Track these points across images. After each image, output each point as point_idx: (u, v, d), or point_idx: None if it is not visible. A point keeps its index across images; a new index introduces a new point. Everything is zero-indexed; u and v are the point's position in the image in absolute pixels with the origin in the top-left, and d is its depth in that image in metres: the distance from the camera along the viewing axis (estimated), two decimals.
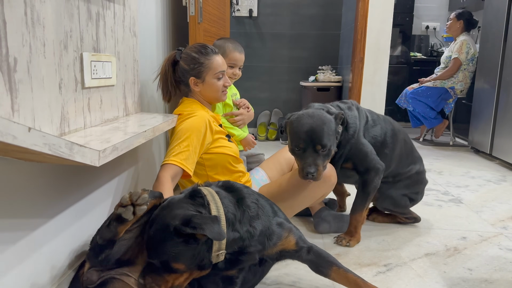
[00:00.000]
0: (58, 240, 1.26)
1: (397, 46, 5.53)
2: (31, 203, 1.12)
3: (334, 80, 4.11)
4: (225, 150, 1.80)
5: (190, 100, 1.85)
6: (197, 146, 1.65)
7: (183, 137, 1.63)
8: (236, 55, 2.12)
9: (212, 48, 1.81)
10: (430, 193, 2.69)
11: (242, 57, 2.16)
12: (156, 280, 1.13)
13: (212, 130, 1.75)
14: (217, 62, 1.79)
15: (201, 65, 1.77)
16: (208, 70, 1.78)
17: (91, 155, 1.03)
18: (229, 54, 2.10)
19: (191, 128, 1.66)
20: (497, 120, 3.62)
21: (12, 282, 1.05)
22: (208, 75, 1.79)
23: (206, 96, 1.85)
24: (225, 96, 1.89)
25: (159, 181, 1.52)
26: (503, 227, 2.11)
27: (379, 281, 1.55)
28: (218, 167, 1.80)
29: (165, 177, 1.54)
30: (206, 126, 1.70)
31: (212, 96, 1.85)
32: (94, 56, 1.36)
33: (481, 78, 3.95)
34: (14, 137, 0.72)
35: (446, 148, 4.32)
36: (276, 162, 2.09)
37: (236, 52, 2.12)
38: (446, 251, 1.83)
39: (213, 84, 1.80)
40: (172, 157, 1.58)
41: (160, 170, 1.57)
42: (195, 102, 1.84)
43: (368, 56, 3.29)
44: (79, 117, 1.30)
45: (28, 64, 1.02)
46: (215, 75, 1.79)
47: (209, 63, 1.77)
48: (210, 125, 1.74)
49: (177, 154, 1.59)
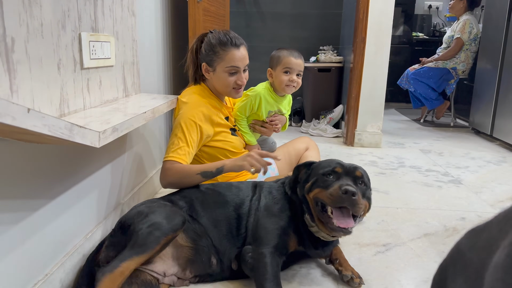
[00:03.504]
0: (60, 221, 1.27)
1: (399, 26, 5.47)
2: (32, 184, 1.12)
3: (335, 60, 4.07)
4: (224, 144, 1.78)
5: (193, 88, 1.81)
6: (195, 140, 1.65)
7: (181, 131, 1.63)
8: (291, 60, 1.95)
9: (234, 40, 1.72)
10: (430, 174, 2.70)
11: (298, 62, 1.96)
12: None
13: (212, 122, 1.73)
14: (231, 55, 1.71)
15: (214, 54, 1.72)
16: (220, 61, 1.72)
17: (91, 136, 1.03)
18: (283, 59, 1.96)
19: (188, 121, 1.65)
20: (499, 100, 3.60)
21: (15, 262, 1.06)
22: (219, 66, 1.73)
23: (216, 87, 1.80)
24: (237, 94, 1.81)
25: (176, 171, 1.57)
26: (502, 208, 2.12)
27: (378, 261, 1.57)
28: (215, 159, 1.79)
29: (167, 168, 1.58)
30: (201, 119, 1.68)
31: (221, 89, 1.80)
32: (92, 36, 1.34)
33: (484, 58, 3.92)
34: (13, 118, 0.72)
35: (447, 129, 4.32)
36: (286, 152, 2.08)
37: (291, 57, 1.96)
38: (445, 231, 1.84)
39: (222, 77, 1.75)
40: (171, 153, 1.61)
41: (164, 167, 1.61)
42: (201, 90, 1.79)
43: (370, 36, 3.25)
44: (79, 98, 1.29)
45: (26, 44, 1.01)
46: (226, 68, 1.72)
47: (223, 54, 1.71)
48: (210, 118, 1.71)
49: (176, 149, 1.61)
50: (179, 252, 1.33)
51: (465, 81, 4.52)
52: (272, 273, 1.24)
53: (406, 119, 4.88)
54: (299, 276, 1.45)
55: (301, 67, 1.96)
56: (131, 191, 1.88)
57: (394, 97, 5.54)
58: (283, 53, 1.96)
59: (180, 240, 1.34)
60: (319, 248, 1.42)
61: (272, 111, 2.00)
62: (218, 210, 1.45)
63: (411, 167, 2.85)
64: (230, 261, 1.38)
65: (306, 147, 2.10)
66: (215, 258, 1.36)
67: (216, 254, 1.37)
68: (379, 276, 1.46)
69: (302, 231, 1.40)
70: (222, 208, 1.46)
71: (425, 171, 2.76)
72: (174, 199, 1.48)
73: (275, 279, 1.24)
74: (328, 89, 4.09)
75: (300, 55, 1.98)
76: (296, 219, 1.41)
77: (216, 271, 1.37)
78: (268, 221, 1.39)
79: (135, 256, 1.15)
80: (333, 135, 3.84)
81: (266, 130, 2.00)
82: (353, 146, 3.45)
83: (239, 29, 4.58)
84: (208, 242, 1.37)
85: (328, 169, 1.34)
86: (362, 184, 1.33)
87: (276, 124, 1.98)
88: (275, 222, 1.38)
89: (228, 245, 1.39)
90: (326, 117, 3.94)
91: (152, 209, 1.32)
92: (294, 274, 1.47)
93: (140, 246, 1.17)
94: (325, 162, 1.40)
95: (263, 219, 1.40)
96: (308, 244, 1.40)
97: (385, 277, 1.45)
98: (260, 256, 1.28)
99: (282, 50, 1.99)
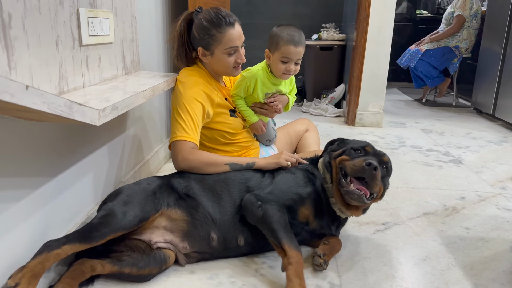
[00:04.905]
0: (61, 199, 1.27)
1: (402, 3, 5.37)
2: (32, 162, 1.12)
3: (337, 38, 4.01)
4: (223, 126, 1.75)
5: (190, 70, 1.74)
6: (200, 118, 1.62)
7: (185, 110, 1.59)
8: (290, 49, 1.71)
9: (227, 18, 1.63)
10: (430, 153, 2.70)
11: (297, 50, 1.73)
12: None
13: (212, 102, 1.69)
14: (229, 36, 1.63)
15: (210, 37, 1.63)
16: (218, 44, 1.64)
17: (91, 114, 1.02)
18: (282, 47, 1.72)
19: (190, 99, 1.60)
20: (502, 80, 3.57)
21: (17, 239, 1.07)
22: (218, 49, 1.65)
23: (215, 69, 1.74)
24: (237, 72, 1.76)
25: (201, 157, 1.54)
26: (502, 188, 2.13)
27: (377, 239, 1.58)
28: (214, 141, 1.78)
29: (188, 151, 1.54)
30: (203, 98, 1.64)
31: (221, 71, 1.74)
32: (91, 12, 1.32)
33: (488, 36, 3.86)
34: (11, 95, 0.71)
35: (449, 109, 4.30)
36: (286, 133, 2.07)
37: (290, 45, 1.71)
38: (444, 210, 1.85)
39: (222, 59, 1.67)
40: (179, 133, 1.56)
41: (174, 149, 1.56)
42: (197, 71, 1.73)
43: (373, 13, 3.19)
44: (78, 75, 1.28)
45: (23, 20, 0.99)
46: (225, 50, 1.65)
47: (219, 37, 1.62)
48: (210, 98, 1.68)
49: (185, 129, 1.57)
50: (174, 225, 1.36)
51: (468, 60, 4.47)
52: (284, 223, 1.32)
53: (408, 99, 4.85)
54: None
55: (300, 55, 1.76)
56: (131, 170, 1.88)
57: (396, 76, 5.49)
58: (283, 38, 1.72)
59: (173, 215, 1.37)
60: (332, 226, 1.48)
61: (269, 92, 1.92)
62: (219, 187, 1.46)
63: (412, 147, 2.85)
64: (235, 238, 1.40)
65: (306, 129, 2.09)
66: (216, 234, 1.38)
67: (217, 230, 1.38)
68: (378, 254, 1.48)
69: (321, 204, 1.45)
70: (225, 185, 1.47)
71: (426, 151, 2.76)
72: (173, 179, 1.48)
73: (287, 228, 1.32)
74: (330, 68, 4.05)
75: (301, 37, 1.75)
76: (316, 192, 1.45)
77: (218, 249, 1.39)
78: (285, 186, 1.45)
79: (77, 243, 1.16)
80: (334, 114, 3.82)
81: (266, 112, 1.90)
82: (354, 126, 3.44)
83: (239, 6, 4.50)
84: (206, 218, 1.39)
85: (360, 145, 1.45)
86: (385, 169, 1.43)
87: (276, 105, 1.87)
88: (293, 188, 1.45)
89: (231, 222, 1.40)
90: (328, 97, 3.92)
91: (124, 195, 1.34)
92: None
93: (86, 235, 1.19)
94: (358, 141, 1.52)
95: (280, 184, 1.46)
96: (327, 220, 1.46)
97: (384, 255, 1.47)
98: (271, 206, 1.35)
99: (282, 30, 1.75)
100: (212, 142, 1.78)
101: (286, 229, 1.30)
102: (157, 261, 1.30)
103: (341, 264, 1.41)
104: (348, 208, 1.42)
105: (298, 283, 1.18)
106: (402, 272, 1.37)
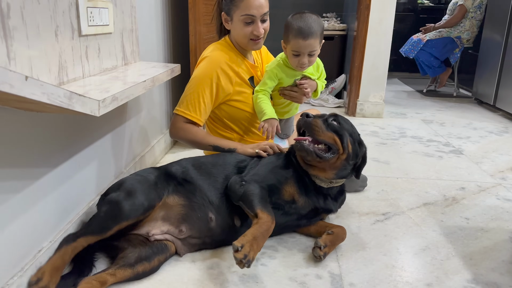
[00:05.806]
0: (62, 189, 1.28)
1: None
2: (33, 153, 1.12)
3: (338, 28, 3.99)
4: (244, 106, 1.76)
5: (217, 44, 1.77)
6: (208, 96, 1.67)
7: (195, 86, 1.66)
8: (299, 42, 1.64)
9: None
10: (431, 144, 2.70)
11: (307, 43, 1.64)
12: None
13: (231, 80, 1.70)
14: (247, 3, 1.64)
15: (231, 2, 1.67)
16: (236, 9, 1.66)
17: (91, 104, 1.02)
18: (291, 41, 1.67)
19: (203, 77, 1.66)
20: (503, 70, 3.55)
21: (18, 229, 1.08)
22: (236, 15, 1.67)
23: (235, 39, 1.75)
24: (256, 46, 1.73)
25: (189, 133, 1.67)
26: (502, 178, 2.14)
27: (377, 229, 1.59)
28: (236, 121, 1.79)
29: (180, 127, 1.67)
30: (217, 74, 1.66)
31: (240, 41, 1.74)
32: (90, 2, 1.31)
33: (490, 26, 3.84)
34: (11, 86, 0.71)
35: (450, 99, 4.28)
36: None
37: (298, 39, 1.64)
38: (444, 201, 1.86)
39: (239, 27, 1.69)
40: (183, 107, 1.68)
41: (174, 119, 1.69)
42: (224, 45, 1.75)
43: (374, 2, 3.17)
44: (77, 66, 1.27)
45: (22, 10, 0.98)
46: (242, 17, 1.66)
47: (238, 2, 1.65)
48: (229, 76, 1.69)
49: (189, 105, 1.67)
50: (170, 213, 1.37)
51: (469, 50, 4.45)
52: (261, 195, 1.35)
53: (409, 89, 4.83)
54: (299, 244, 1.48)
55: (312, 47, 1.66)
56: (132, 161, 1.89)
57: (397, 67, 5.46)
58: (292, 31, 1.65)
59: (171, 202, 1.39)
60: (326, 201, 1.50)
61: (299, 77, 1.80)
62: (215, 170, 1.50)
63: (413, 137, 2.85)
64: (231, 219, 1.41)
65: None
66: (213, 215, 1.39)
67: (214, 211, 1.40)
68: (377, 244, 1.49)
69: (303, 180, 1.48)
70: (221, 168, 1.52)
71: (426, 141, 2.76)
72: (170, 167, 1.51)
73: (264, 199, 1.34)
74: (331, 58, 4.03)
75: (312, 28, 1.64)
76: (297, 171, 1.49)
77: (216, 231, 1.40)
78: (268, 167, 1.50)
79: (90, 235, 1.22)
80: (335, 105, 3.81)
81: (296, 94, 1.80)
82: (354, 116, 3.43)
83: None
84: (204, 200, 1.41)
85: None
86: (335, 121, 1.50)
87: (305, 87, 1.77)
88: (275, 169, 1.50)
89: (227, 202, 1.42)
90: (328, 87, 3.91)
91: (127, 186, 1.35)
92: (295, 241, 1.49)
93: (97, 227, 1.24)
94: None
95: (263, 166, 1.51)
96: (313, 194, 1.48)
97: (383, 245, 1.48)
98: (251, 184, 1.38)
99: (293, 21, 1.67)
100: (233, 120, 1.80)
101: (262, 200, 1.33)
102: (160, 250, 1.31)
103: (341, 254, 1.42)
104: (314, 170, 1.46)
105: (249, 240, 1.15)
106: (401, 262, 1.38)
